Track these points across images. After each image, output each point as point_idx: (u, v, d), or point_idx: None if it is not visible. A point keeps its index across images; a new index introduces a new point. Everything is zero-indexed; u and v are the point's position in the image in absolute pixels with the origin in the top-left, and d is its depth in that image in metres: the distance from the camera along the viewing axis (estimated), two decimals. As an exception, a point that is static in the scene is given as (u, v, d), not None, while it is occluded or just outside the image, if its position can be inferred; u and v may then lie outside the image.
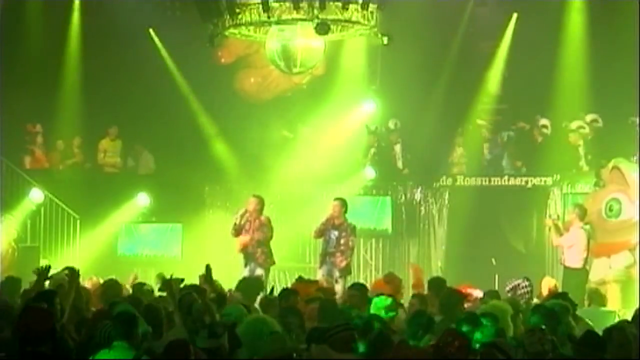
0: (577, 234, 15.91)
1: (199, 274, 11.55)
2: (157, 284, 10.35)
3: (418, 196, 20.05)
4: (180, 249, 19.36)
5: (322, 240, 15.80)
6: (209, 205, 20.47)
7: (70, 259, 16.76)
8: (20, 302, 9.86)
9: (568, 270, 15.87)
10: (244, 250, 15.84)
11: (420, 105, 20.33)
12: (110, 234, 19.46)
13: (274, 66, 16.86)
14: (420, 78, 20.10)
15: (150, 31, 20.85)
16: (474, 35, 20.78)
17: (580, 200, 17.72)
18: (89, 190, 19.82)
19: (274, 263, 16.02)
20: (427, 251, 19.89)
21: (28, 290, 10.14)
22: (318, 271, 15.76)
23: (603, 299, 13.77)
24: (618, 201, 17.14)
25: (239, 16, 15.71)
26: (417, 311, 9.78)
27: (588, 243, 15.95)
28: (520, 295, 11.85)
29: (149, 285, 12.24)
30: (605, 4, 19.67)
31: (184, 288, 10.16)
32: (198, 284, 11.00)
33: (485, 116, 20.91)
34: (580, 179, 19.17)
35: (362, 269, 19.35)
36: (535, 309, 9.85)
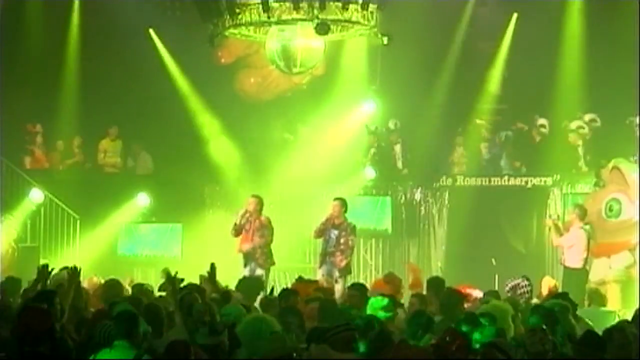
0: (577, 234, 15.90)
1: (200, 274, 11.57)
2: (162, 278, 10.38)
3: (418, 196, 20.05)
4: (180, 249, 19.34)
5: (322, 240, 15.79)
6: (209, 206, 20.49)
7: (70, 259, 16.70)
8: (20, 302, 9.84)
9: (568, 270, 15.86)
10: (243, 250, 15.84)
11: (420, 105, 20.33)
12: (110, 234, 19.44)
13: (274, 66, 16.85)
14: (420, 78, 20.11)
15: (151, 31, 20.85)
16: (474, 35, 20.78)
17: (580, 200, 17.72)
18: (89, 191, 19.80)
19: (274, 264, 16.01)
20: (427, 251, 19.89)
21: (27, 289, 10.11)
22: (318, 271, 15.74)
23: (603, 299, 13.76)
24: (618, 201, 17.15)
25: (239, 16, 15.71)
26: (417, 311, 9.77)
27: (588, 243, 15.94)
28: (520, 295, 11.86)
29: (148, 285, 12.24)
30: (605, 4, 19.68)
31: (185, 288, 10.16)
32: (198, 284, 11.01)
33: (484, 116, 20.92)
34: (580, 179, 19.17)
35: (362, 269, 19.35)
36: (534, 309, 9.85)
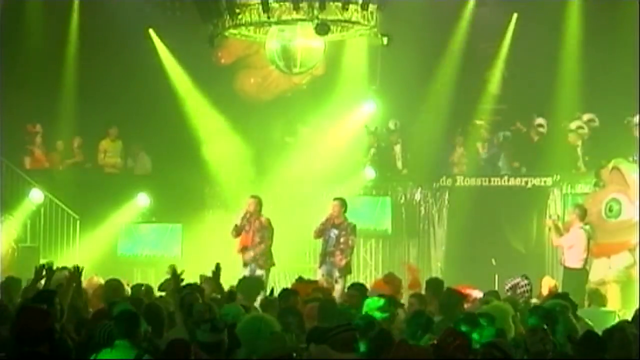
0: (577, 234, 15.89)
1: (200, 274, 11.57)
2: (168, 273, 10.44)
3: (418, 196, 20.06)
4: (180, 249, 19.33)
5: (322, 240, 15.78)
6: (208, 206, 20.49)
7: (70, 260, 16.70)
8: (19, 302, 9.83)
9: (568, 270, 15.85)
10: (243, 250, 15.84)
11: (420, 105, 20.35)
12: (110, 234, 19.43)
13: (274, 66, 16.87)
14: (420, 78, 20.13)
15: (150, 31, 20.84)
16: (474, 35, 20.76)
17: (580, 200, 17.72)
18: (89, 191, 19.79)
19: (274, 264, 16.01)
20: (427, 251, 19.90)
21: (27, 288, 10.10)
22: (318, 271, 15.74)
23: (603, 299, 13.76)
24: (618, 201, 17.15)
25: (239, 16, 15.72)
26: (416, 311, 9.75)
27: (588, 243, 15.93)
28: (520, 294, 11.87)
29: (148, 285, 12.23)
30: (604, 5, 19.68)
31: (185, 287, 10.17)
32: (198, 283, 11.02)
33: (484, 116, 20.92)
34: (580, 179, 19.17)
35: (362, 269, 19.35)
36: (533, 310, 9.82)
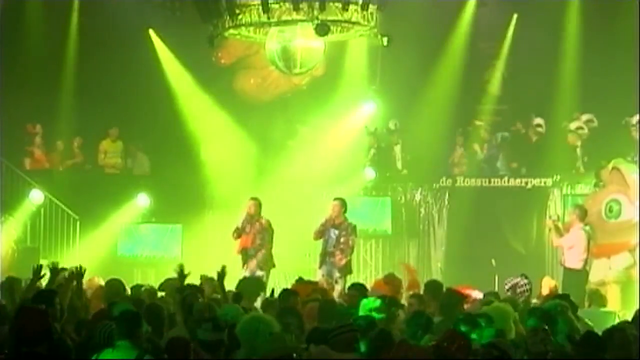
0: (577, 235, 15.86)
1: (200, 274, 11.58)
2: (175, 272, 10.51)
3: (418, 197, 20.06)
4: (180, 250, 19.33)
5: (322, 241, 15.76)
6: (208, 206, 20.49)
7: (70, 260, 16.70)
8: (17, 302, 9.82)
9: (568, 271, 15.83)
10: (243, 252, 15.83)
11: (420, 106, 20.33)
12: (110, 234, 19.43)
13: (274, 67, 16.87)
14: (420, 79, 20.14)
15: (150, 32, 20.84)
16: (474, 36, 20.76)
17: (580, 201, 17.72)
18: (89, 191, 19.79)
19: (274, 266, 16.01)
20: (427, 252, 19.90)
21: (28, 288, 10.09)
22: (318, 271, 15.71)
23: (603, 300, 13.75)
24: (618, 202, 17.15)
25: (239, 17, 15.72)
26: (416, 312, 9.73)
27: (588, 244, 15.91)
28: (520, 294, 11.88)
29: (147, 285, 12.23)
30: (603, 5, 19.68)
31: (186, 288, 10.18)
32: (198, 284, 11.02)
33: (484, 117, 20.93)
34: (580, 179, 19.18)
35: (362, 270, 19.33)
36: (531, 311, 9.81)
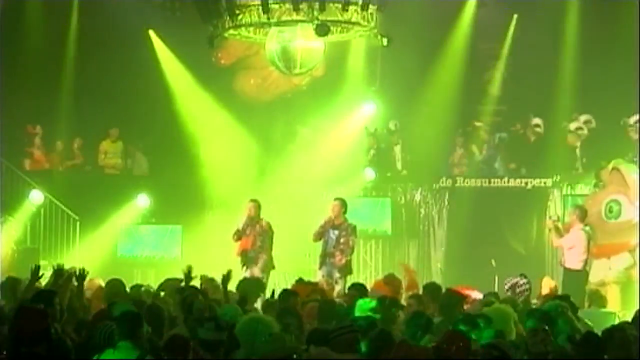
0: (578, 235, 15.86)
1: (200, 275, 11.57)
2: (184, 272, 10.55)
3: (418, 197, 20.06)
4: (180, 251, 19.34)
5: (322, 241, 15.76)
6: (208, 207, 20.48)
7: (70, 261, 16.70)
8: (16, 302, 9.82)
9: (568, 271, 15.82)
10: (243, 253, 15.83)
11: (420, 106, 20.33)
12: (110, 235, 19.41)
13: (274, 67, 16.87)
14: (420, 79, 20.14)
15: (150, 32, 20.84)
16: (474, 36, 20.76)
17: (580, 201, 17.72)
18: (89, 192, 19.76)
19: (274, 267, 16.01)
20: (427, 252, 19.90)
21: (27, 288, 10.09)
22: (318, 272, 15.71)
23: (603, 300, 13.73)
24: (618, 202, 17.14)
25: (239, 17, 15.73)
26: (416, 312, 9.71)
27: (588, 245, 15.90)
28: (520, 293, 11.88)
29: (148, 286, 12.23)
30: (603, 6, 19.68)
31: (186, 288, 10.18)
32: (199, 284, 11.02)
33: (484, 117, 20.93)
34: (580, 180, 19.18)
35: (362, 270, 19.32)
36: (530, 313, 9.80)
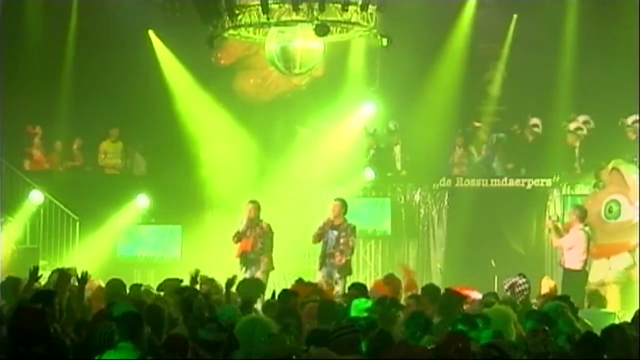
0: (577, 235, 15.86)
1: (200, 275, 11.56)
2: (191, 275, 10.57)
3: (417, 197, 20.06)
4: (180, 251, 19.35)
5: (322, 242, 15.76)
6: (208, 207, 20.48)
7: (70, 261, 16.71)
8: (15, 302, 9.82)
9: (567, 271, 15.83)
10: (242, 255, 15.82)
11: (419, 106, 20.33)
12: (110, 235, 19.41)
13: (274, 67, 16.87)
14: (419, 79, 20.15)
15: (150, 32, 20.84)
16: (474, 36, 20.76)
17: (580, 201, 17.72)
18: (88, 192, 19.77)
19: (273, 268, 16.01)
20: (427, 253, 19.90)
21: (26, 288, 10.10)
22: (318, 273, 15.71)
23: (603, 301, 13.72)
24: (617, 202, 17.14)
25: (239, 17, 15.73)
26: (415, 312, 9.70)
27: (588, 245, 15.90)
28: (519, 293, 11.88)
29: (148, 286, 12.23)
30: (603, 7, 19.68)
31: (187, 289, 10.19)
32: (199, 285, 11.03)
33: (484, 117, 20.94)
34: (579, 180, 19.18)
35: (362, 271, 19.33)
36: (529, 313, 9.80)
